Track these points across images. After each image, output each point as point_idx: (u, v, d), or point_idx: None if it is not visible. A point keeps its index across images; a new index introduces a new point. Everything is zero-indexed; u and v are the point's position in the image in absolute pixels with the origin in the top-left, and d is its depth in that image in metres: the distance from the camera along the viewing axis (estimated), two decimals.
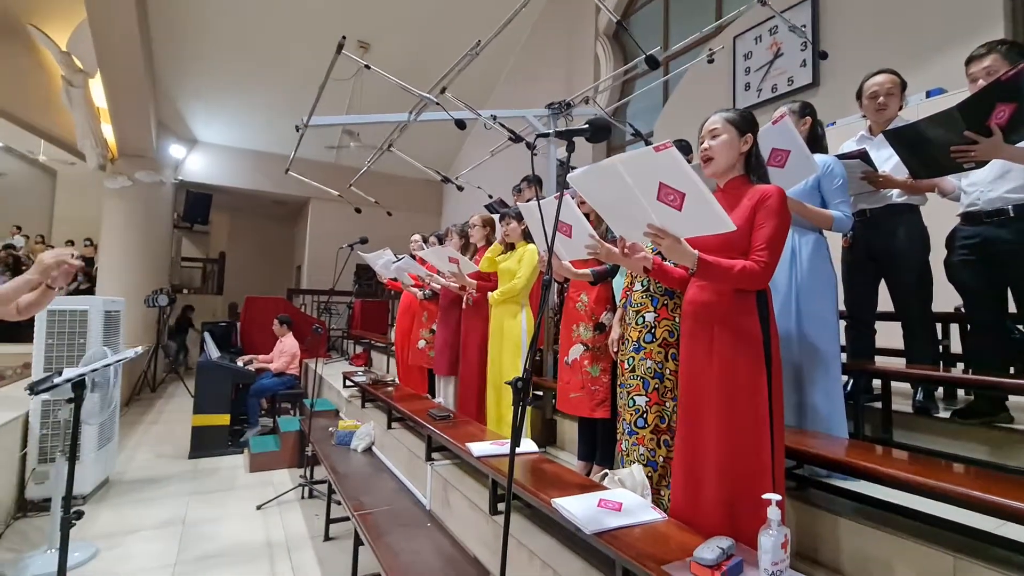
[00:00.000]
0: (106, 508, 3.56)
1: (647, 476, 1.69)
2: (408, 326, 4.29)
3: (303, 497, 3.86)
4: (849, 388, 2.24)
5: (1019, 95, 1.63)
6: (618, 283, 2.29)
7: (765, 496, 1.20)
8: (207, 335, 5.62)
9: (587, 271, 2.19)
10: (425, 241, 4.47)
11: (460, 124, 2.99)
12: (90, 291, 8.84)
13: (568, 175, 1.51)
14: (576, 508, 1.55)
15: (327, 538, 3.18)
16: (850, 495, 1.67)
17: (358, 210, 4.99)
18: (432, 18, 7.93)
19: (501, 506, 2.08)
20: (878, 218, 2.24)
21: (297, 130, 3.40)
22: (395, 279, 4.55)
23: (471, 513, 2.22)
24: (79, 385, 2.04)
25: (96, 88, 7.83)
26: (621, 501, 1.60)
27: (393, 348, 5.75)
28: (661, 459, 1.72)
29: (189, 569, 2.79)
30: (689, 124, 5.09)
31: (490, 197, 4.58)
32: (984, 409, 2.01)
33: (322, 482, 3.93)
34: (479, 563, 2.07)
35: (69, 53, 7.55)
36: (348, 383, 4.80)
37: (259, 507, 3.63)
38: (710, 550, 1.22)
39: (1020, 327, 2.21)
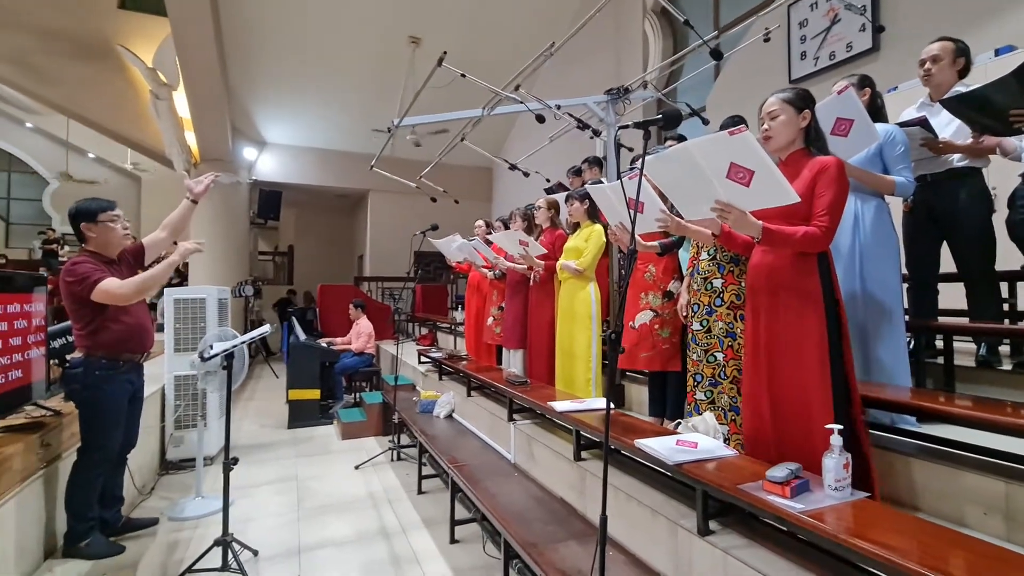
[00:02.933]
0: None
1: (731, 420, 1.91)
2: (480, 304, 4.62)
3: (392, 460, 4.30)
4: (911, 346, 2.36)
5: None
6: (683, 255, 2.50)
7: (827, 426, 1.42)
8: (294, 320, 6.19)
9: (655, 243, 2.40)
10: (488, 226, 4.78)
11: (540, 118, 3.23)
12: (181, 285, 9.78)
13: (642, 159, 1.73)
14: (658, 446, 1.81)
15: (420, 491, 3.59)
16: (909, 437, 1.84)
17: (433, 199, 5.34)
18: (477, 10, 8.13)
19: (585, 453, 2.37)
20: (940, 182, 2.32)
21: (388, 131, 3.74)
22: (462, 262, 4.89)
23: (555, 461, 2.52)
24: (229, 356, 2.48)
25: (178, 99, 8.60)
26: (696, 442, 1.84)
27: (456, 328, 6.15)
28: (739, 406, 1.94)
29: (311, 514, 3.26)
30: (742, 97, 5.15)
31: (548, 181, 4.81)
32: None
33: (410, 446, 4.37)
34: (566, 503, 2.37)
35: (155, 69, 8.31)
36: (423, 359, 5.22)
37: (356, 467, 4.10)
38: (780, 471, 1.45)
39: None
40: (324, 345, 5.95)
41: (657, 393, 2.61)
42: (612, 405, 2.57)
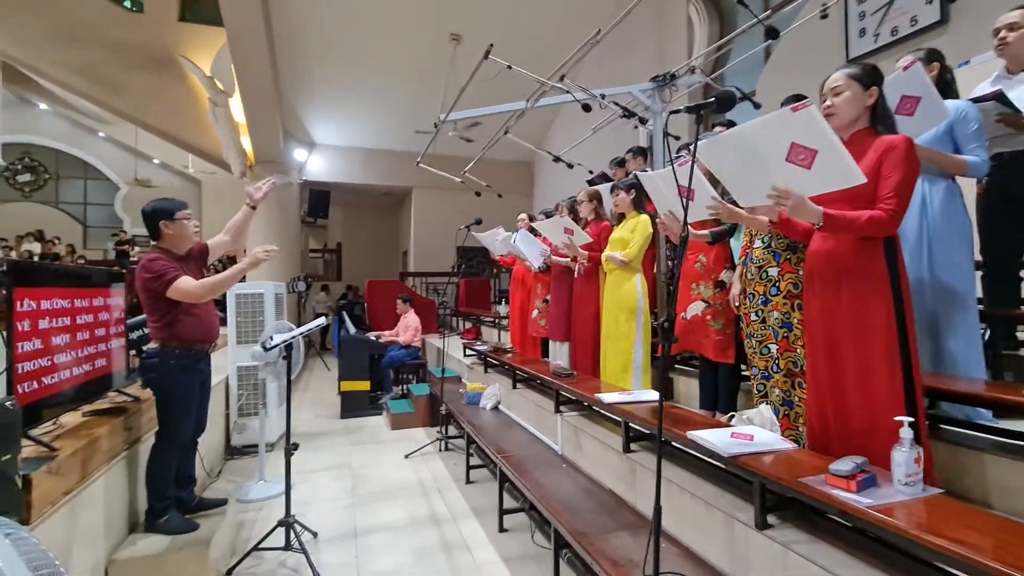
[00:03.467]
0: None
1: (785, 414, 1.86)
2: (524, 298, 4.64)
3: (440, 450, 4.40)
4: (987, 336, 2.21)
5: None
6: (735, 244, 2.43)
7: (897, 418, 1.35)
8: (344, 314, 6.41)
9: (705, 232, 2.35)
10: (531, 219, 4.79)
11: (586, 107, 3.21)
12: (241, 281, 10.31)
13: (694, 144, 1.69)
14: (712, 438, 1.77)
15: (468, 481, 3.66)
16: (984, 431, 1.73)
17: (478, 194, 5.41)
18: (517, 5, 8.11)
19: (634, 445, 2.36)
20: (1018, 160, 2.15)
21: (435, 127, 3.80)
22: (505, 256, 4.92)
23: (603, 453, 2.52)
24: (288, 347, 2.62)
25: (234, 105, 9.03)
26: (752, 434, 1.80)
27: (500, 321, 6.20)
28: (797, 399, 1.88)
29: (365, 500, 3.39)
30: (794, 80, 4.93)
31: (591, 173, 4.76)
32: None
33: (457, 437, 4.46)
34: (615, 494, 2.37)
35: (213, 77, 8.75)
36: (468, 352, 5.30)
37: (407, 456, 4.22)
38: (845, 464, 1.39)
39: None
40: (373, 338, 6.14)
41: (708, 385, 2.56)
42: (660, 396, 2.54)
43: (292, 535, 2.56)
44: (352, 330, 5.92)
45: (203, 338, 2.35)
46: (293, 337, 2.59)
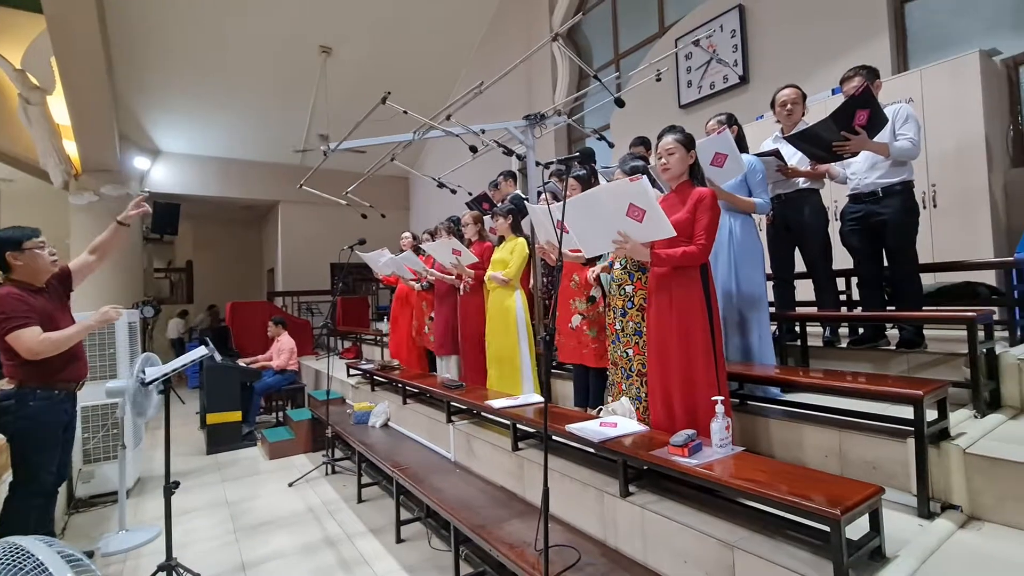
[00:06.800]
0: (150, 499, 3.94)
1: (637, 406, 2.29)
2: (408, 315, 4.77)
3: (327, 474, 4.32)
4: (776, 332, 2.92)
5: (869, 104, 2.31)
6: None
7: (713, 398, 1.82)
8: (207, 340, 5.89)
9: (580, 253, 2.76)
10: (414, 238, 4.95)
11: (473, 149, 3.48)
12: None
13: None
14: (586, 429, 2.14)
15: (360, 500, 3.68)
16: (776, 404, 2.34)
17: (364, 216, 5.39)
18: (389, 20, 8.23)
19: (521, 444, 2.67)
20: (791, 199, 2.91)
21: (325, 155, 3.78)
22: (389, 275, 5.01)
23: (494, 454, 2.79)
24: (167, 380, 2.48)
25: (54, 104, 7.78)
26: (615, 422, 2.20)
27: (383, 339, 6.21)
28: (644, 394, 2.32)
29: (249, 533, 3.25)
30: (640, 117, 5.74)
31: (470, 195, 5.07)
32: (870, 337, 2.73)
33: (345, 458, 4.41)
34: (506, 489, 2.65)
35: (24, 71, 7.48)
36: (353, 371, 5.25)
37: (291, 484, 4.08)
38: (680, 437, 1.83)
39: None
40: (244, 365, 5.75)
41: (581, 386, 2.97)
42: (541, 399, 2.89)
43: None
44: (217, 357, 5.47)
45: (70, 376, 2.14)
46: (176, 370, 2.46)
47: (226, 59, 8.33)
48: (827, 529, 1.35)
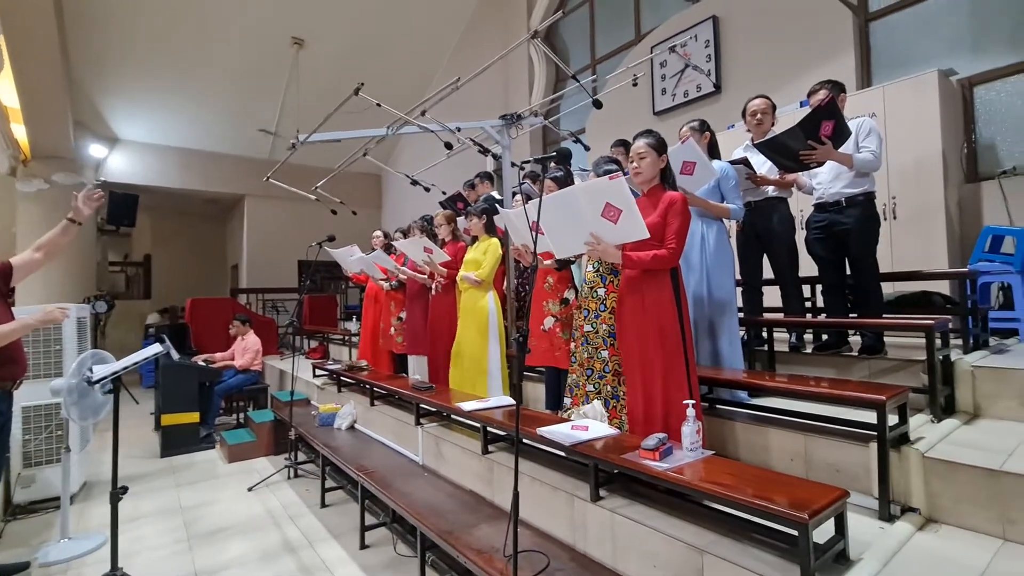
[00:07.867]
0: (96, 505, 3.72)
1: (613, 407, 2.28)
2: (377, 314, 4.66)
3: (289, 478, 4.18)
4: (745, 337, 2.97)
5: (834, 115, 2.37)
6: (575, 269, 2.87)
7: (684, 402, 1.82)
8: (164, 338, 5.64)
9: (552, 261, 2.74)
10: (386, 236, 4.85)
11: (448, 146, 3.42)
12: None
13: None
14: (557, 432, 2.11)
15: (323, 505, 3.56)
16: (743, 408, 2.37)
17: (334, 212, 5.24)
18: (363, 13, 8.08)
19: (491, 447, 2.62)
20: (759, 207, 2.96)
21: (294, 147, 3.65)
22: (359, 273, 4.90)
23: (463, 458, 2.74)
24: (117, 379, 2.33)
25: (2, 85, 7.33)
26: (587, 425, 2.18)
27: (351, 338, 6.07)
28: (621, 393, 2.31)
29: (205, 540, 3.10)
30: (616, 123, 5.78)
31: (444, 194, 5.01)
32: (834, 343, 2.80)
33: (309, 461, 4.28)
34: (476, 494, 2.60)
35: None
36: (319, 372, 5.11)
37: (250, 488, 3.92)
38: (651, 441, 1.82)
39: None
40: (202, 364, 5.52)
41: (552, 388, 2.95)
42: (513, 401, 2.85)
43: None
44: (175, 355, 5.24)
45: (5, 375, 1.99)
46: (128, 368, 2.31)
47: (192, 44, 8.01)
48: (795, 533, 1.36)
